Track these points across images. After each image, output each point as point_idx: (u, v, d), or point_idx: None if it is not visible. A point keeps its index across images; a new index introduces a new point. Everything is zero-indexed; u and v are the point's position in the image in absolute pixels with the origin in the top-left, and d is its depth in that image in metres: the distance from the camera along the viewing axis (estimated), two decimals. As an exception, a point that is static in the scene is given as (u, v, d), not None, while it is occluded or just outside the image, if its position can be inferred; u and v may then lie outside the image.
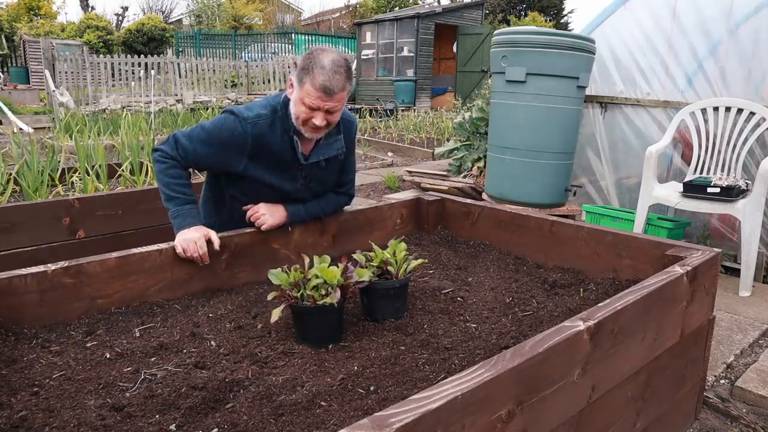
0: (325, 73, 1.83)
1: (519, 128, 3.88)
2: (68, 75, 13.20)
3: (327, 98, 1.85)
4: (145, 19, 21.66)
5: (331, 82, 1.83)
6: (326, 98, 1.85)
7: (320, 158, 2.07)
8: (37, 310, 1.61)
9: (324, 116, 1.89)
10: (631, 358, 1.46)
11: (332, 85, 1.84)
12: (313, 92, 1.84)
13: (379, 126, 10.79)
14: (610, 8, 4.20)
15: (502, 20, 24.20)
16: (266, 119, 1.99)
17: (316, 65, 1.84)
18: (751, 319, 2.88)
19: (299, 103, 1.89)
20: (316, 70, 1.83)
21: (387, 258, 1.82)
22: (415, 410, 0.92)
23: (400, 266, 1.81)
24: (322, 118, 1.89)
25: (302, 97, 1.87)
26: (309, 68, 1.85)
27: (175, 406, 1.29)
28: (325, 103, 1.86)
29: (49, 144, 4.71)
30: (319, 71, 1.83)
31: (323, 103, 1.86)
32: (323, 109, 1.88)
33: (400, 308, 1.81)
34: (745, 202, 3.13)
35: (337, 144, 2.10)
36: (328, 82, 1.83)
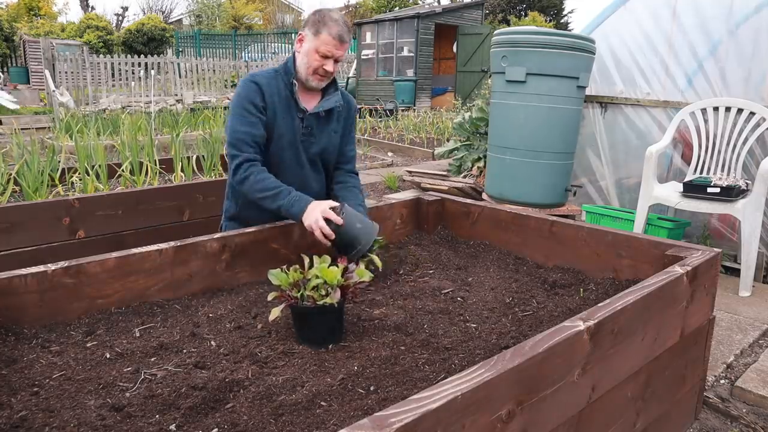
0: (338, 24, 2.11)
1: (519, 128, 3.88)
2: (68, 75, 13.21)
3: (340, 46, 2.12)
4: (145, 19, 21.67)
5: (344, 32, 2.13)
6: (339, 46, 2.12)
7: (321, 109, 2.23)
8: (37, 310, 1.61)
9: (333, 63, 2.15)
10: (631, 358, 1.46)
11: (344, 36, 2.12)
12: (330, 40, 2.10)
13: (379, 126, 10.79)
14: (610, 8, 4.20)
15: (502, 20, 24.21)
16: (269, 74, 2.23)
17: (330, 19, 2.12)
18: (751, 319, 2.88)
19: (313, 52, 2.12)
20: (330, 23, 2.10)
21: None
22: (415, 410, 0.92)
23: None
24: (331, 64, 2.14)
25: (317, 46, 2.11)
26: (324, 21, 2.11)
27: (175, 406, 1.29)
28: (337, 50, 2.12)
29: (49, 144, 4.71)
30: (333, 23, 2.11)
31: (336, 51, 2.12)
32: (334, 57, 2.13)
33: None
34: (745, 202, 3.13)
35: (335, 97, 2.27)
36: (342, 32, 2.11)
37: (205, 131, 5.32)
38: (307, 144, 2.25)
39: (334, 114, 2.29)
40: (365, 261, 1.99)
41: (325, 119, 2.27)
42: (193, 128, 8.46)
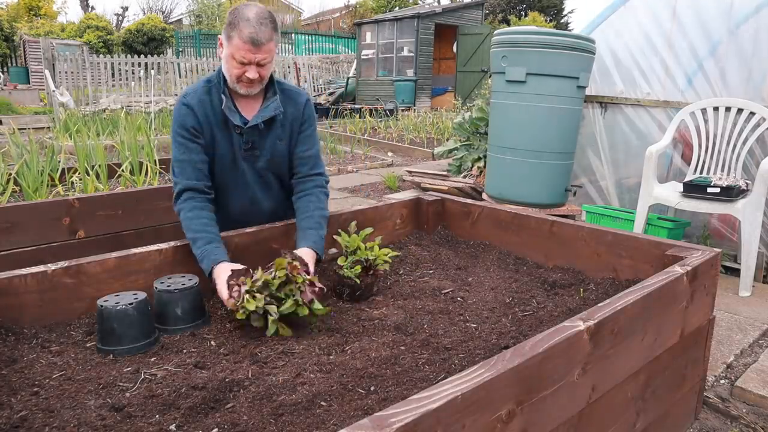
0: (250, 25, 1.85)
1: (519, 128, 3.88)
2: (68, 75, 13.21)
3: (256, 50, 1.87)
4: (145, 19, 21.67)
5: (258, 33, 1.85)
6: (255, 50, 1.87)
7: (259, 120, 2.02)
8: (37, 310, 1.61)
9: (256, 69, 1.91)
10: (631, 358, 1.46)
11: (259, 37, 1.85)
12: (241, 45, 1.86)
13: (379, 126, 10.79)
14: (610, 8, 4.20)
15: (502, 20, 24.21)
16: (202, 88, 2.02)
17: (241, 19, 1.85)
18: (751, 319, 2.88)
19: (230, 59, 1.91)
20: (241, 23, 1.85)
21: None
22: (415, 410, 0.92)
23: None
24: (254, 71, 1.91)
25: (232, 52, 1.89)
26: (235, 23, 1.86)
27: (175, 406, 1.29)
28: (254, 55, 1.88)
29: (49, 144, 4.71)
30: (245, 24, 1.85)
31: (253, 55, 1.88)
32: (254, 62, 1.90)
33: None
34: (745, 202, 3.13)
35: (274, 104, 2.05)
36: (255, 33, 1.85)
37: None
38: (251, 159, 2.07)
39: (277, 121, 2.07)
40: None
41: (266, 129, 2.06)
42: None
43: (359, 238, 2.02)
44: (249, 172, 2.09)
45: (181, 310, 1.69)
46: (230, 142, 2.04)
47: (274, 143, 2.09)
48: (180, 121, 1.98)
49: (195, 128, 1.98)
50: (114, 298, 1.60)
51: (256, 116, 2.03)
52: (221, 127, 2.02)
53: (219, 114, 2.00)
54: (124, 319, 1.55)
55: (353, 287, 1.95)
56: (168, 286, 1.71)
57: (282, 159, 2.13)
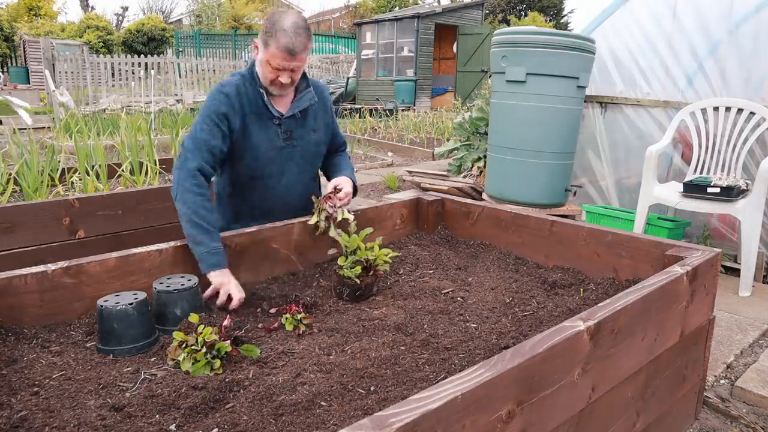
0: (287, 35, 1.94)
1: (519, 128, 3.88)
2: (68, 75, 13.21)
3: (291, 59, 1.97)
4: (145, 19, 21.67)
5: (294, 43, 1.95)
6: (290, 59, 1.97)
7: (295, 110, 2.15)
8: (37, 310, 1.61)
9: (289, 74, 2.02)
10: (631, 358, 1.46)
11: (295, 47, 1.96)
12: (278, 54, 1.96)
13: (379, 126, 10.79)
14: (610, 8, 4.20)
15: (502, 20, 24.22)
16: (239, 81, 2.11)
17: (279, 28, 1.94)
18: (751, 319, 2.88)
19: (265, 64, 2.01)
20: (279, 33, 1.94)
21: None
22: (415, 410, 0.92)
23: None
24: (287, 76, 2.02)
25: (267, 59, 1.99)
26: (272, 31, 1.95)
27: (175, 406, 1.29)
28: (289, 63, 1.98)
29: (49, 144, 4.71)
30: (282, 34, 1.94)
31: (288, 63, 1.98)
32: (288, 69, 2.00)
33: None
34: (745, 202, 3.13)
35: (308, 95, 2.19)
36: (291, 44, 1.95)
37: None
38: (290, 149, 2.19)
39: (310, 111, 2.21)
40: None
41: (302, 119, 2.19)
42: (193, 128, 8.43)
43: (359, 238, 2.03)
44: (287, 162, 2.19)
45: (180, 310, 1.69)
46: (266, 133, 2.12)
47: (309, 132, 2.23)
48: (215, 105, 2.04)
49: (227, 116, 2.04)
50: (114, 298, 1.60)
51: (293, 106, 2.16)
52: (255, 119, 2.10)
53: (254, 106, 2.09)
54: (124, 319, 1.55)
55: (353, 287, 1.95)
56: (167, 286, 1.71)
57: (316, 147, 2.28)
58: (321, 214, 2.10)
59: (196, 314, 1.59)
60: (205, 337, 1.48)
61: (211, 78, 15.01)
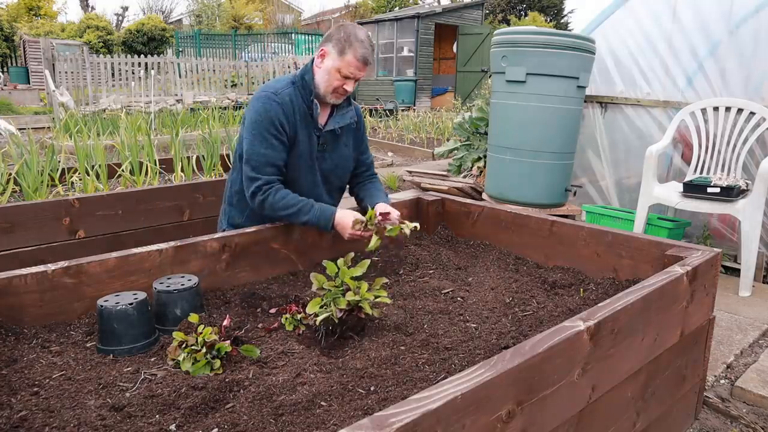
0: (364, 46, 2.05)
1: (519, 128, 3.88)
2: (68, 75, 13.20)
3: (364, 68, 2.07)
4: (145, 19, 21.67)
5: (369, 55, 2.07)
6: (364, 68, 2.07)
7: (336, 126, 2.21)
8: (37, 310, 1.61)
9: (353, 84, 2.11)
10: (631, 358, 1.46)
11: (370, 58, 2.07)
12: (354, 63, 2.04)
13: (379, 126, 10.79)
14: (610, 8, 4.20)
15: (502, 20, 24.22)
16: (287, 88, 2.15)
17: (356, 39, 2.04)
18: (751, 319, 2.88)
19: (334, 71, 2.07)
20: (356, 44, 2.03)
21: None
22: (415, 410, 0.92)
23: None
24: (352, 85, 2.11)
25: (340, 66, 2.05)
26: (349, 41, 2.04)
27: (175, 406, 1.29)
28: (361, 72, 2.07)
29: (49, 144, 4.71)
30: (359, 44, 2.04)
31: (360, 72, 2.07)
32: (356, 78, 2.09)
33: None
34: (745, 202, 3.13)
35: (350, 113, 2.26)
36: (367, 54, 2.06)
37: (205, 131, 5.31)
38: (321, 160, 2.23)
39: (345, 128, 2.27)
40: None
41: (339, 134, 2.25)
42: (193, 128, 8.45)
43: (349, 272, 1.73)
44: (317, 171, 2.24)
45: (180, 310, 1.69)
46: (308, 141, 2.17)
47: (342, 148, 2.29)
48: (270, 116, 2.06)
49: (283, 126, 2.08)
50: (114, 298, 1.60)
51: (333, 121, 2.21)
52: (303, 127, 2.14)
53: (302, 114, 2.13)
54: (124, 319, 1.55)
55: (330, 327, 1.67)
56: (167, 286, 1.71)
57: (346, 162, 2.33)
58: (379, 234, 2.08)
59: (196, 314, 1.59)
60: (205, 337, 1.48)
61: (211, 78, 15.00)
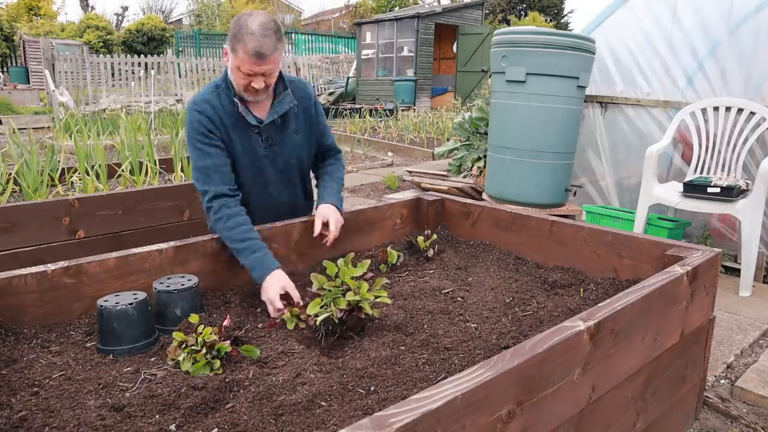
0: (255, 38, 1.84)
1: (519, 128, 3.88)
2: (68, 75, 13.21)
3: (261, 62, 1.87)
4: (145, 19, 21.66)
5: (263, 46, 1.84)
6: (260, 62, 1.87)
7: (274, 116, 2.06)
8: (37, 310, 1.61)
9: (262, 79, 1.92)
10: (631, 358, 1.46)
11: (264, 49, 1.85)
12: (247, 59, 1.86)
13: (379, 126, 10.79)
14: (610, 8, 4.20)
15: (502, 20, 24.23)
16: (212, 94, 2.03)
17: (246, 32, 1.84)
18: (751, 319, 2.88)
19: (236, 70, 1.92)
20: (246, 37, 1.84)
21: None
22: (415, 410, 0.92)
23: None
24: (260, 81, 1.92)
25: (238, 64, 1.89)
26: (239, 35, 1.85)
27: (175, 406, 1.29)
28: (260, 67, 1.88)
29: (49, 144, 4.71)
30: (250, 37, 1.84)
31: (258, 67, 1.88)
32: (259, 73, 1.90)
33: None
34: (745, 202, 3.13)
35: (287, 98, 2.08)
36: (259, 47, 1.84)
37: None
38: (272, 156, 2.11)
39: (291, 115, 2.12)
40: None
41: (282, 124, 2.10)
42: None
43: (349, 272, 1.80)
44: (270, 169, 2.12)
45: (180, 310, 1.69)
46: (248, 142, 2.06)
47: (292, 137, 2.13)
48: (195, 127, 1.99)
49: (212, 131, 1.99)
50: (114, 298, 1.60)
51: (271, 112, 2.06)
52: (236, 129, 2.03)
53: (231, 116, 2.02)
54: (124, 319, 1.55)
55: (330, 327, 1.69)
56: (167, 286, 1.71)
57: (301, 151, 2.19)
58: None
59: (196, 314, 1.59)
60: (205, 337, 1.48)
61: (211, 78, 15.00)
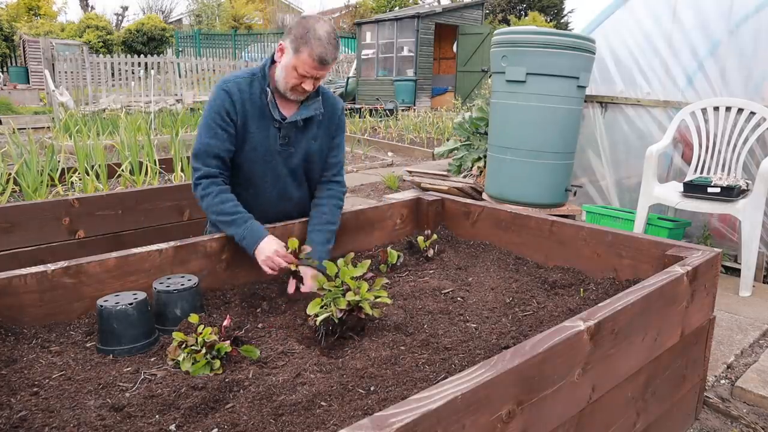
0: (322, 44, 1.88)
1: (519, 128, 3.88)
2: (68, 75, 13.20)
3: (322, 68, 1.92)
4: (145, 19, 21.67)
5: (328, 53, 1.90)
6: (321, 68, 1.92)
7: (298, 117, 2.07)
8: (37, 310, 1.61)
9: (313, 82, 1.97)
10: (631, 358, 1.45)
11: (328, 57, 1.90)
12: (309, 62, 1.89)
13: (379, 126, 10.79)
14: (610, 8, 4.20)
15: (502, 20, 24.22)
16: (244, 79, 2.04)
17: (313, 36, 1.88)
18: (751, 319, 2.88)
19: (291, 69, 1.94)
20: (313, 41, 1.88)
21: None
22: (415, 410, 0.91)
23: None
24: (311, 84, 1.96)
25: (296, 64, 1.92)
26: (306, 38, 1.88)
27: (175, 406, 1.29)
28: (318, 72, 1.93)
29: (49, 144, 4.71)
30: (317, 42, 1.88)
31: (317, 72, 1.93)
32: (314, 77, 1.95)
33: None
34: (745, 202, 3.13)
35: (315, 105, 2.10)
36: (325, 53, 1.89)
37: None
38: (286, 155, 2.10)
39: (314, 121, 2.12)
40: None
41: (303, 127, 2.10)
42: (193, 128, 8.44)
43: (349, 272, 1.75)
44: (281, 166, 2.12)
45: (180, 310, 1.69)
46: (266, 135, 2.05)
47: (309, 142, 2.13)
48: (216, 105, 2.00)
49: (230, 115, 2.00)
50: (114, 298, 1.60)
51: (297, 113, 2.07)
52: (257, 120, 2.03)
53: (257, 106, 2.03)
54: (124, 319, 1.55)
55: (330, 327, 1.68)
56: (167, 286, 1.71)
57: (315, 158, 2.18)
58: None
59: (195, 314, 1.59)
60: (204, 337, 1.48)
61: (211, 78, 15.00)
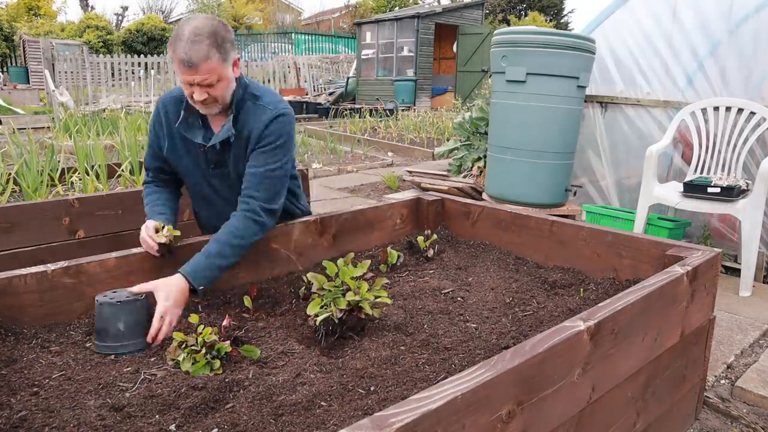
0: (181, 45, 1.65)
1: (519, 128, 3.88)
2: (68, 75, 13.21)
3: (192, 71, 1.68)
4: (145, 19, 21.68)
5: (189, 53, 1.65)
6: (191, 71, 1.68)
7: (216, 141, 1.86)
8: (37, 310, 1.61)
9: (202, 90, 1.72)
10: (631, 358, 1.45)
11: (190, 57, 1.65)
12: (179, 68, 1.69)
13: (379, 126, 10.79)
14: (610, 8, 4.20)
15: (502, 20, 24.24)
16: (178, 94, 1.91)
17: (177, 37, 1.67)
18: (752, 319, 2.88)
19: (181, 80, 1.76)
20: (176, 43, 1.67)
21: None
22: (415, 410, 0.91)
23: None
24: (199, 91, 1.72)
25: (178, 73, 1.73)
26: (172, 42, 1.69)
27: (175, 406, 1.29)
28: (192, 77, 1.69)
29: (49, 144, 4.71)
30: (178, 44, 1.66)
31: (191, 77, 1.69)
32: (196, 83, 1.71)
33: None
34: (745, 202, 3.13)
35: (226, 126, 1.85)
36: (185, 54, 1.65)
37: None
38: (221, 176, 1.96)
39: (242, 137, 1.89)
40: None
41: (228, 147, 1.91)
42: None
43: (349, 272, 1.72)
44: (221, 187, 2.01)
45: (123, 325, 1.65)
46: (195, 162, 1.95)
47: (237, 162, 1.94)
48: (155, 115, 1.99)
49: (157, 132, 1.99)
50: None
51: (215, 137, 1.89)
52: (184, 142, 1.92)
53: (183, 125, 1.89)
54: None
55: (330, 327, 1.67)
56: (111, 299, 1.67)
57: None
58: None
59: (195, 315, 1.59)
60: (204, 337, 1.48)
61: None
